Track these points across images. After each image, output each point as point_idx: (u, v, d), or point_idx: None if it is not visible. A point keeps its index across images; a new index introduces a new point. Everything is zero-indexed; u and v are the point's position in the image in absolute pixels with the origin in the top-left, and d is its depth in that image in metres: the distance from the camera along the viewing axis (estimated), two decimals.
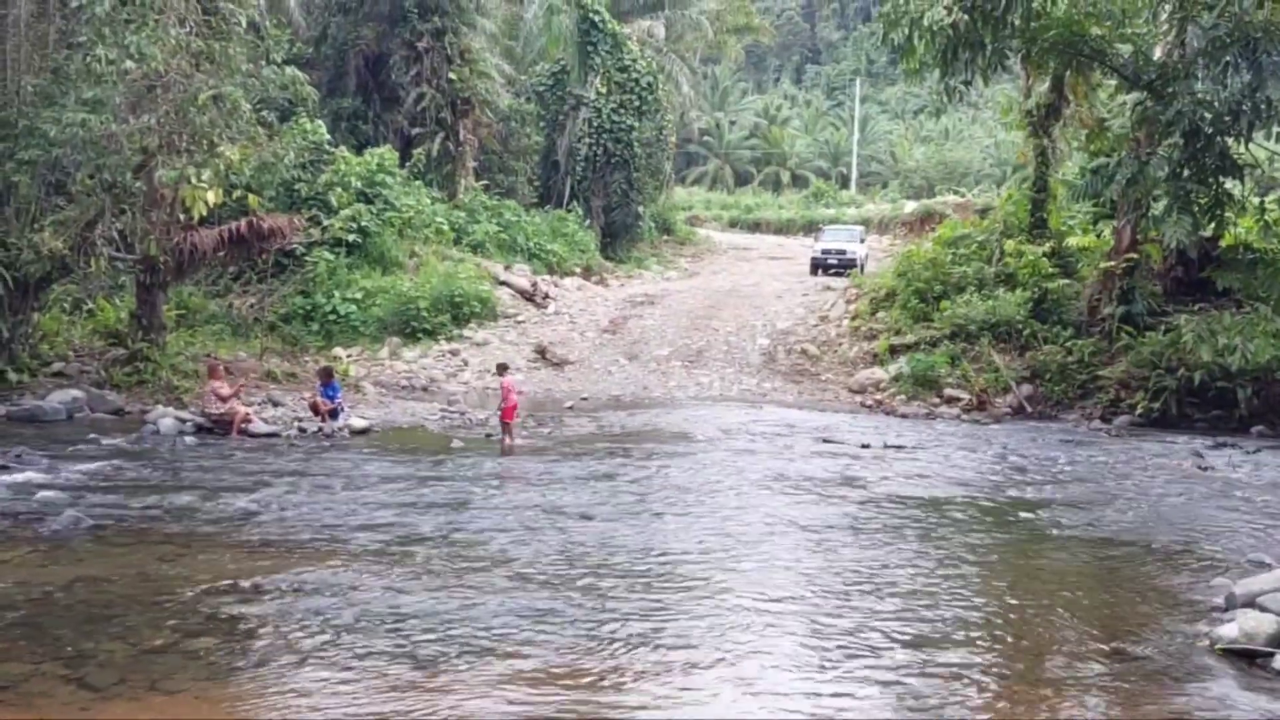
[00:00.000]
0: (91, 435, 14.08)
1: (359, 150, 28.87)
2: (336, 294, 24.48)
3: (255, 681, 6.32)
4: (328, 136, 27.36)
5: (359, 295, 24.61)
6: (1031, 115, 24.16)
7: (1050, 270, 22.77)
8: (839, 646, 7.16)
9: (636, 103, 38.32)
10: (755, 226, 59.45)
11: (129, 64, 15.66)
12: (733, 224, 60.30)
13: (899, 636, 7.37)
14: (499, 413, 15.47)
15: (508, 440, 15.05)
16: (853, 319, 25.26)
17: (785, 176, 78.74)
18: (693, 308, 28.05)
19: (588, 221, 36.92)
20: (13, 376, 16.44)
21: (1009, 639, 7.60)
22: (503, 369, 16.51)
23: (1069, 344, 20.97)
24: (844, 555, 9.53)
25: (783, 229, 57.49)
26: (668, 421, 17.66)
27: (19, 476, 11.33)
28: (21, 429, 14.31)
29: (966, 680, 6.67)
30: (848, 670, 6.74)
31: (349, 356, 22.47)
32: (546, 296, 28.23)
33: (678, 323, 26.41)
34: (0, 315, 16.52)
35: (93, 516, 9.70)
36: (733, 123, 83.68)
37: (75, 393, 16.08)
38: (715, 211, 63.25)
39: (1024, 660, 7.14)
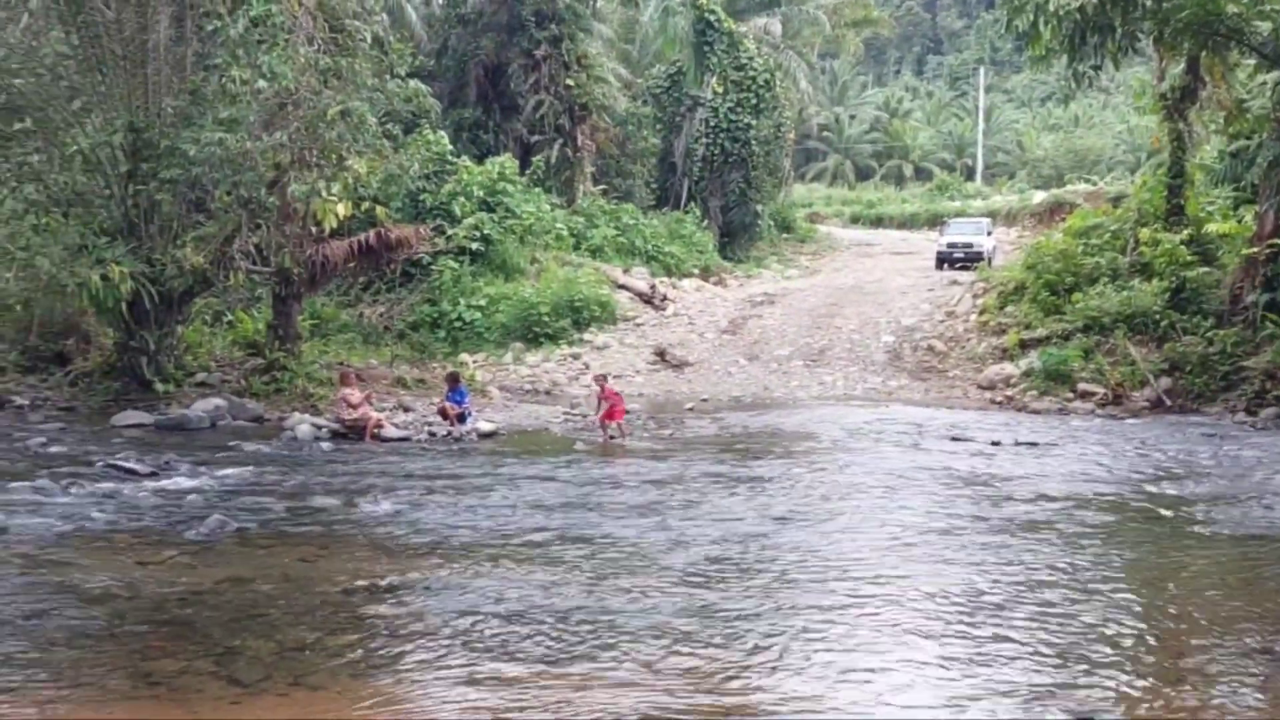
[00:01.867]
0: (233, 442, 14.60)
1: (480, 159, 29.37)
2: (461, 301, 24.98)
3: (395, 678, 6.48)
4: (450, 147, 27.91)
5: (483, 302, 25.07)
6: (1166, 98, 23.27)
7: (1189, 258, 21.89)
8: (982, 644, 7.02)
9: (754, 101, 38.15)
10: (877, 222, 58.57)
11: (262, 83, 16.20)
12: (854, 220, 59.52)
13: (1041, 635, 7.20)
14: (599, 414, 15.79)
15: (612, 439, 15.45)
16: (981, 314, 24.69)
17: (908, 170, 77.53)
18: (814, 306, 27.79)
19: (705, 222, 36.89)
20: (160, 387, 17.14)
21: (1153, 637, 7.36)
22: (601, 379, 16.74)
23: (1210, 334, 20.13)
24: (981, 554, 9.35)
25: (906, 223, 56.55)
26: (791, 422, 17.54)
27: (167, 482, 11.82)
28: (169, 436, 14.93)
29: (1109, 677, 6.48)
30: (991, 668, 6.61)
31: (474, 362, 22.89)
32: (665, 299, 28.29)
33: (799, 321, 26.19)
34: (147, 328, 17.27)
35: (237, 520, 10.06)
36: (852, 117, 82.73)
37: (217, 401, 16.69)
38: (836, 208, 62.53)
39: (1168, 658, 6.91)
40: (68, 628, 7.23)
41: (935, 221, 48.83)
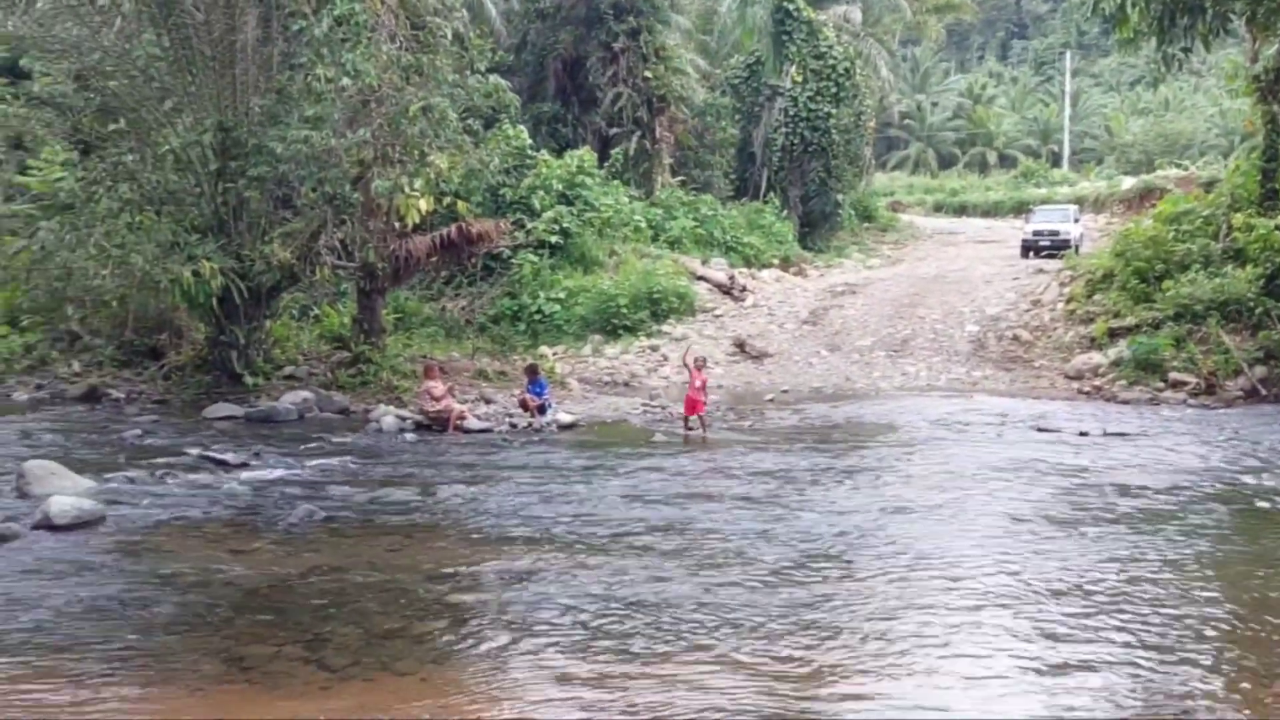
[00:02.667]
0: (320, 434, 14.89)
1: (559, 153, 29.49)
2: (541, 294, 25.14)
3: (480, 666, 6.57)
4: (529, 141, 28.08)
5: (562, 295, 25.20)
6: (1259, 80, 22.50)
7: None
8: (1072, 642, 6.90)
9: (833, 89, 37.77)
10: (961, 210, 57.70)
11: (345, 81, 16.45)
12: (937, 208, 58.70)
13: (1132, 630, 7.06)
14: (691, 387, 15.85)
15: (691, 430, 15.51)
16: (1067, 302, 24.18)
17: (992, 157, 76.17)
18: (896, 296, 27.45)
19: (785, 212, 36.60)
20: (249, 380, 17.54)
21: (1246, 632, 7.16)
22: (700, 361, 16.69)
23: None
24: (1071, 548, 9.18)
25: (990, 211, 55.59)
26: (873, 413, 17.35)
27: (258, 473, 12.11)
28: (258, 429, 15.28)
29: (1201, 675, 6.33)
30: (1082, 666, 6.49)
31: (554, 354, 23.02)
32: (744, 289, 28.15)
33: (881, 311, 25.90)
34: (237, 323, 17.69)
35: (325, 509, 10.27)
36: (935, 104, 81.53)
37: (305, 394, 17.01)
38: (918, 196, 61.72)
39: (1263, 656, 6.71)
40: (164, 613, 7.46)
41: (1020, 209, 47.96)
